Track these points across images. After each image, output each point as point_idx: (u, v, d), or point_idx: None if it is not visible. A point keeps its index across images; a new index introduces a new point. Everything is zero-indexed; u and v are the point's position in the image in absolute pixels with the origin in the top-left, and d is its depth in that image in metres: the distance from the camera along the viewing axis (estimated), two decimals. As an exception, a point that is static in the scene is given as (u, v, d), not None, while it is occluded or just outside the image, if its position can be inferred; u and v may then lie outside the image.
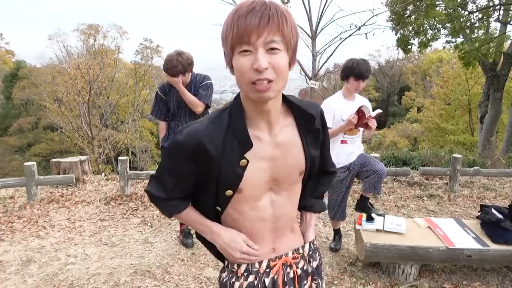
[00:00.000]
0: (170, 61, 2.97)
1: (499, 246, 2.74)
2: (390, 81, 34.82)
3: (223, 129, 1.02)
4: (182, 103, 3.19)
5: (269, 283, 1.15)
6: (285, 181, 1.11)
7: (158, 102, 3.26)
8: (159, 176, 1.12)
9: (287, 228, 1.20)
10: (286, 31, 0.93)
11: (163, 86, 3.26)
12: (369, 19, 6.82)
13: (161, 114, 3.28)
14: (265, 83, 0.93)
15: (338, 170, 3.08)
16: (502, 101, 11.37)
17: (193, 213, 1.16)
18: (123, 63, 28.36)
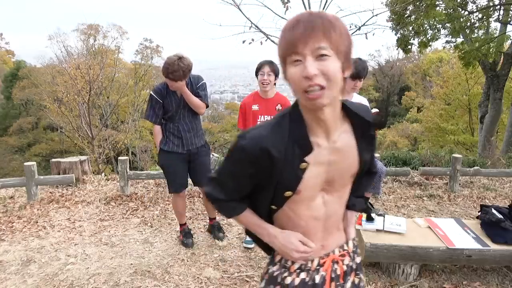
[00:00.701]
0: (171, 65, 2.91)
1: (499, 246, 2.74)
2: (390, 81, 34.80)
3: (285, 135, 1.05)
4: (181, 105, 3.17)
5: (319, 280, 1.20)
6: (338, 183, 1.17)
7: (153, 106, 3.16)
8: (219, 179, 1.18)
9: (336, 226, 1.27)
10: (334, 37, 0.95)
11: (159, 89, 3.16)
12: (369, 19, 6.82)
13: (156, 118, 3.20)
14: (316, 90, 0.96)
15: None
16: (502, 101, 11.37)
17: (251, 215, 1.21)
18: (123, 63, 28.38)
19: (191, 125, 3.28)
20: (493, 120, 11.21)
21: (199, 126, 3.38)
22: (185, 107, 3.20)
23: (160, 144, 3.28)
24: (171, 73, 2.92)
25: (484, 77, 12.36)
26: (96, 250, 3.40)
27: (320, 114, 1.03)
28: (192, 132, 3.28)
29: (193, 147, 3.30)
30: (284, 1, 6.67)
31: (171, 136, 3.25)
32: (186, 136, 3.25)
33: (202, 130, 3.43)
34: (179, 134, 3.23)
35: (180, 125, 3.23)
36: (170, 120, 3.24)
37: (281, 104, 3.26)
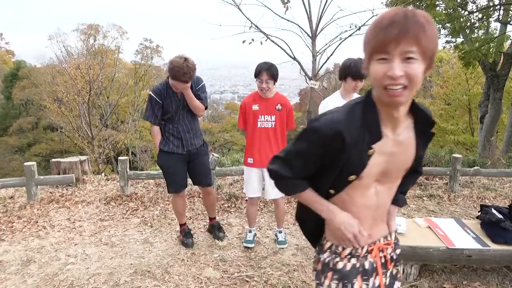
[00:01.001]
0: (181, 68, 2.89)
1: (499, 246, 2.74)
2: (390, 81, 34.76)
3: (359, 121, 1.11)
4: (180, 106, 3.18)
5: (368, 266, 1.27)
6: (392, 176, 1.23)
7: (153, 106, 3.15)
8: (287, 158, 1.24)
9: (382, 217, 1.33)
10: (424, 42, 0.98)
11: (158, 90, 3.15)
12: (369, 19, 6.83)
13: (155, 118, 3.19)
14: (398, 88, 1.00)
15: None
16: (502, 101, 11.35)
17: (312, 193, 1.27)
18: (123, 63, 28.37)
19: (190, 125, 3.28)
20: (493, 120, 11.20)
21: (198, 126, 3.40)
22: (184, 108, 3.20)
23: (160, 145, 3.27)
24: (183, 75, 2.91)
25: (484, 77, 12.35)
26: (96, 250, 3.40)
27: (394, 110, 1.09)
28: (191, 132, 3.28)
29: (193, 147, 3.30)
30: (284, 1, 6.67)
31: (170, 137, 3.24)
32: (186, 137, 3.25)
33: (200, 130, 3.44)
34: (178, 135, 3.24)
35: (180, 126, 3.23)
36: (169, 121, 3.23)
37: (281, 103, 3.25)
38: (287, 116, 3.29)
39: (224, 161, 6.42)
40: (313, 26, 6.83)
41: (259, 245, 3.49)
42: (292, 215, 4.23)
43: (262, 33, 6.79)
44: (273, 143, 3.26)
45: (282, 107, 3.24)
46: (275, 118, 3.23)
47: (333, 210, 1.24)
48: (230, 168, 5.00)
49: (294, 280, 2.89)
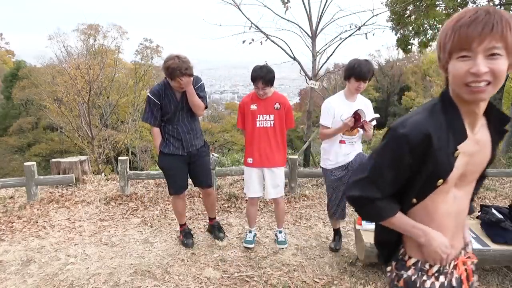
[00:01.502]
0: (184, 62, 2.93)
1: (499, 246, 2.74)
2: (390, 81, 34.82)
3: (442, 122, 1.07)
4: (179, 107, 3.15)
5: (456, 283, 1.21)
6: (469, 178, 1.17)
7: (151, 108, 3.14)
8: (371, 176, 1.14)
9: (462, 225, 1.26)
10: (510, 38, 0.96)
11: (156, 90, 3.13)
12: (369, 19, 6.81)
13: (155, 120, 3.18)
14: (482, 85, 0.98)
15: (337, 169, 3.09)
16: (502, 101, 11.37)
17: (403, 215, 1.19)
18: (123, 63, 28.37)
19: (190, 126, 3.25)
20: (493, 120, 11.21)
21: (198, 127, 3.37)
22: (184, 108, 3.18)
23: (160, 147, 3.26)
24: (185, 70, 2.93)
25: (484, 77, 12.35)
26: (96, 250, 3.40)
27: (475, 107, 1.06)
28: (191, 133, 3.26)
29: (193, 148, 3.29)
30: (284, 1, 6.66)
31: (171, 138, 3.23)
32: (186, 138, 3.24)
33: (201, 131, 3.42)
34: (178, 136, 3.22)
35: (180, 127, 3.21)
36: (169, 122, 3.21)
37: (280, 102, 3.24)
38: (286, 115, 3.27)
39: (224, 161, 6.42)
40: (313, 26, 6.83)
41: (259, 245, 3.49)
42: (292, 215, 4.23)
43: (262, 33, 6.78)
44: (273, 143, 3.26)
45: (281, 106, 3.23)
46: (274, 117, 3.22)
47: (430, 233, 1.15)
48: (230, 168, 5.00)
49: (294, 280, 2.89)
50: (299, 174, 4.93)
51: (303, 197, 4.75)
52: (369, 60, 2.99)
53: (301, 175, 5.01)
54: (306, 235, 3.73)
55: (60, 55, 22.78)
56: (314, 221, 4.08)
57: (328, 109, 3.04)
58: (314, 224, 4.00)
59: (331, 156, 3.09)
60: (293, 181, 4.86)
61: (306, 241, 3.60)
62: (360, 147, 3.16)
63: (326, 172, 3.17)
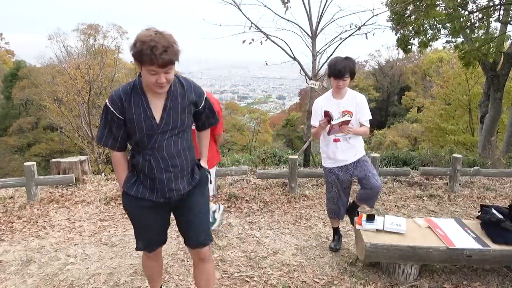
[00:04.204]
0: (156, 39, 1.68)
1: (499, 246, 2.74)
2: (390, 81, 34.82)
3: None
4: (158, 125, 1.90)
5: None
6: None
7: (109, 122, 1.92)
8: None
9: None
10: None
11: (118, 96, 1.88)
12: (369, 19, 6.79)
13: (114, 141, 1.96)
14: None
15: (336, 168, 3.11)
16: (502, 101, 11.35)
17: None
18: (123, 63, 28.35)
19: (173, 157, 1.96)
20: (493, 120, 11.20)
21: (190, 154, 2.05)
22: (166, 128, 1.92)
23: (124, 184, 2.03)
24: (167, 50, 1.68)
25: (484, 77, 12.35)
26: (96, 250, 3.40)
27: None
28: (174, 170, 1.97)
29: (176, 194, 2.01)
30: (284, 1, 6.66)
31: (140, 174, 2.00)
32: (163, 178, 1.96)
33: (194, 159, 2.11)
34: (151, 173, 1.96)
35: (154, 159, 1.94)
36: (138, 148, 1.97)
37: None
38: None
39: (224, 161, 6.42)
40: (313, 26, 6.82)
41: (259, 245, 3.49)
42: (292, 215, 4.23)
43: (262, 33, 6.77)
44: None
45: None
46: None
47: None
48: (230, 168, 5.00)
49: (294, 280, 2.88)
50: (299, 174, 4.93)
51: (303, 197, 4.75)
52: (349, 57, 2.95)
53: (301, 175, 5.01)
54: (306, 235, 3.73)
55: (60, 55, 22.74)
56: (314, 221, 4.08)
57: (316, 110, 3.10)
58: (314, 224, 4.00)
59: (330, 154, 3.14)
60: (293, 181, 4.86)
61: (306, 241, 3.60)
62: (360, 145, 3.14)
63: (325, 171, 3.23)
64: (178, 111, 1.93)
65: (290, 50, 7.04)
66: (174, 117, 1.92)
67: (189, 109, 1.99)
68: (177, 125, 1.94)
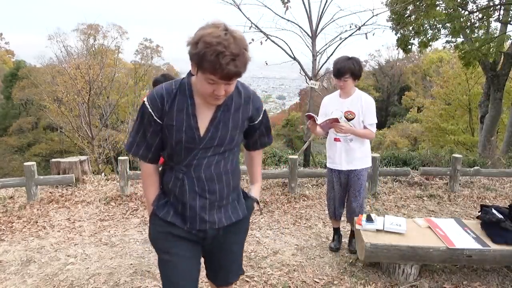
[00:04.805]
0: (237, 43, 1.30)
1: (499, 246, 2.74)
2: (390, 81, 34.81)
3: None
4: (201, 139, 1.51)
5: None
6: None
7: (144, 126, 1.55)
8: None
9: None
10: None
11: (160, 95, 1.50)
12: (369, 19, 6.80)
13: (147, 150, 1.58)
14: None
15: (335, 170, 3.13)
16: (502, 101, 11.36)
17: None
18: (123, 63, 28.39)
19: (217, 178, 1.57)
20: (493, 120, 11.21)
21: (234, 180, 1.64)
22: (217, 139, 1.52)
23: (153, 204, 1.64)
24: (232, 61, 1.30)
25: (484, 77, 12.36)
26: (96, 250, 3.40)
27: None
28: (211, 196, 1.57)
29: (210, 226, 1.60)
30: (284, 1, 6.66)
31: (171, 196, 1.61)
32: (195, 206, 1.56)
33: (238, 188, 1.70)
34: (182, 196, 1.57)
35: (189, 179, 1.55)
36: (172, 163, 1.58)
37: None
38: None
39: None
40: (313, 26, 6.82)
41: (259, 245, 3.49)
42: (292, 215, 4.23)
43: (262, 33, 6.77)
44: None
45: None
46: None
47: None
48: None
49: (294, 280, 2.88)
50: (299, 174, 4.94)
51: (303, 197, 4.75)
52: (353, 57, 2.93)
53: (301, 175, 5.01)
54: (306, 235, 3.73)
55: (60, 55, 22.77)
56: (314, 221, 4.08)
57: (321, 107, 3.15)
58: (314, 224, 4.00)
59: (330, 154, 3.17)
60: (293, 181, 4.86)
61: (306, 241, 3.60)
62: (361, 152, 3.07)
63: (327, 170, 3.25)
64: (228, 126, 1.54)
65: (290, 50, 7.04)
66: (223, 132, 1.53)
67: (243, 125, 1.60)
68: (224, 142, 1.55)
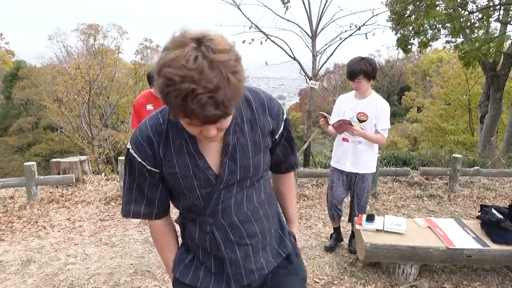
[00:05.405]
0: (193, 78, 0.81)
1: (499, 246, 2.74)
2: (390, 81, 34.82)
3: None
4: (217, 175, 1.12)
5: None
6: None
7: (136, 178, 1.17)
8: None
9: None
10: None
11: (145, 137, 1.13)
12: (369, 19, 6.81)
13: (149, 206, 1.21)
14: None
15: (338, 170, 3.12)
16: (502, 101, 11.36)
17: None
18: (123, 63, 28.37)
19: (254, 216, 1.20)
20: (493, 120, 11.21)
21: (271, 199, 1.29)
22: (238, 172, 1.13)
23: (173, 269, 1.30)
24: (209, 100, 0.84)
25: (484, 77, 12.36)
26: (96, 250, 3.40)
27: None
28: (257, 236, 1.21)
29: (259, 274, 1.24)
30: (284, 1, 6.67)
31: (199, 251, 1.25)
32: (238, 257, 1.20)
33: (275, 202, 1.34)
34: (216, 251, 1.20)
35: (221, 229, 1.18)
36: (192, 215, 1.21)
37: None
38: None
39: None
40: (313, 26, 6.83)
41: (259, 245, 3.48)
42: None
43: (262, 33, 6.78)
44: None
45: None
46: None
47: None
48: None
49: (294, 280, 2.88)
50: (299, 174, 4.93)
51: (303, 197, 4.75)
52: (366, 57, 2.89)
53: (301, 175, 5.01)
54: (306, 235, 3.73)
55: (60, 55, 22.77)
56: (314, 221, 4.08)
57: (335, 106, 3.15)
58: (314, 224, 4.00)
59: (336, 153, 3.17)
60: (293, 181, 4.85)
61: (306, 241, 3.60)
62: (369, 156, 3.06)
63: (331, 169, 3.26)
64: (247, 151, 1.12)
65: (290, 50, 7.04)
66: (243, 161, 1.12)
67: (265, 143, 1.17)
68: (249, 174, 1.14)
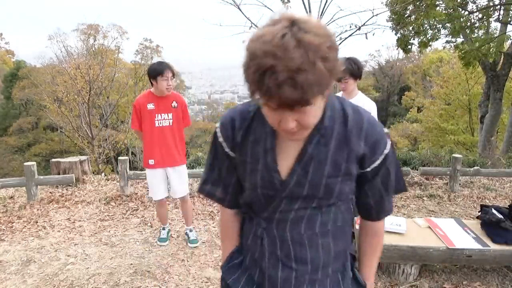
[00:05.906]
0: (277, 54, 0.74)
1: (499, 246, 2.74)
2: (390, 81, 34.81)
3: None
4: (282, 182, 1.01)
5: None
6: None
7: (215, 159, 1.13)
8: None
9: None
10: None
11: (230, 119, 1.05)
12: (369, 19, 6.83)
13: (223, 191, 1.15)
14: None
15: None
16: (502, 101, 11.36)
17: None
18: (123, 63, 28.35)
19: (309, 242, 1.05)
20: (493, 120, 11.21)
21: (341, 238, 1.12)
22: (306, 186, 1.00)
23: (225, 264, 1.21)
24: (288, 80, 0.76)
25: (484, 77, 12.36)
26: (96, 250, 3.40)
27: None
28: (305, 265, 1.06)
29: None
30: (284, 1, 6.67)
31: (248, 256, 1.16)
32: (278, 276, 1.07)
33: (347, 244, 1.17)
34: (261, 260, 1.10)
35: (271, 238, 1.07)
36: (250, 212, 1.12)
37: (177, 101, 3.24)
38: (183, 113, 3.30)
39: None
40: (313, 26, 6.83)
41: (259, 245, 3.49)
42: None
43: (262, 33, 6.78)
44: (171, 141, 3.25)
45: (178, 105, 3.25)
46: (172, 116, 3.23)
47: None
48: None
49: (294, 280, 2.88)
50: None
51: (303, 197, 4.74)
52: (350, 57, 2.92)
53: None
54: (306, 235, 3.72)
55: (60, 55, 22.74)
56: None
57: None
58: None
59: None
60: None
61: (306, 241, 3.60)
62: None
63: None
64: (324, 168, 0.99)
65: (290, 50, 7.05)
66: (315, 176, 0.99)
67: (349, 170, 1.01)
68: (318, 193, 1.01)
